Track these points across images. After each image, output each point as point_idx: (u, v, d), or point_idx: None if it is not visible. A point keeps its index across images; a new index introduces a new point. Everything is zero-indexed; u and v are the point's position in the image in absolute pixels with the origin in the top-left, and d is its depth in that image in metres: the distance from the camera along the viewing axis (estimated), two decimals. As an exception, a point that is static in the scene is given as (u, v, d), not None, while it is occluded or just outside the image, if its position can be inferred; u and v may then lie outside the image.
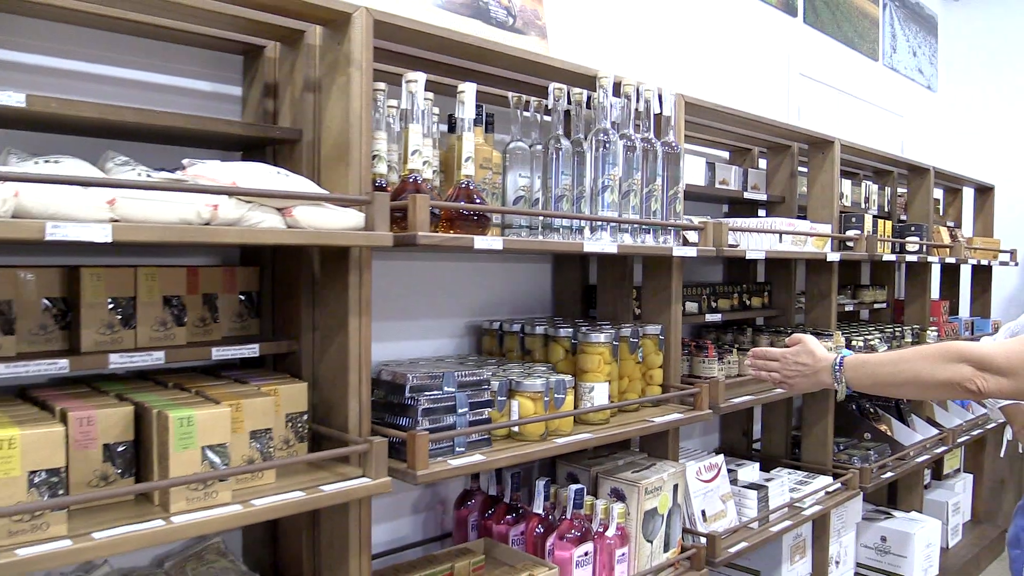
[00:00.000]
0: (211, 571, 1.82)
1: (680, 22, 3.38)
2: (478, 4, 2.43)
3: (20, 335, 1.49)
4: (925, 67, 5.61)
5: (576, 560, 2.03)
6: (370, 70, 1.65)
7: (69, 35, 1.69)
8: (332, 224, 1.49)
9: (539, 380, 1.93)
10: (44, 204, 1.15)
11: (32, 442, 1.19)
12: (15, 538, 1.19)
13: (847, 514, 3.57)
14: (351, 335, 1.64)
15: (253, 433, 1.50)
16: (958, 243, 4.23)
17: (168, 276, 1.66)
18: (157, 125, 1.58)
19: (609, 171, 2.12)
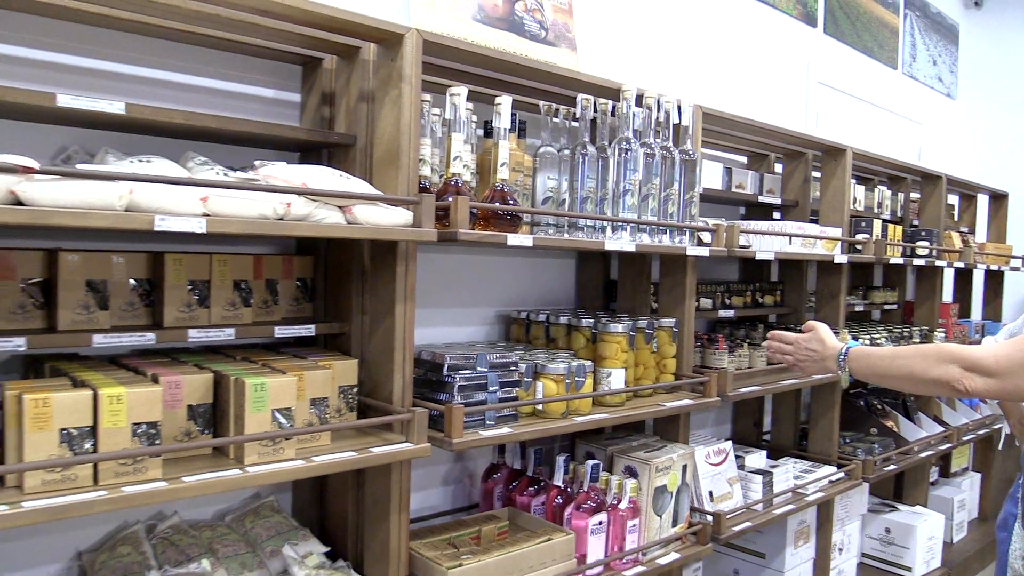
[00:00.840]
0: (266, 524, 2.05)
1: (703, 33, 3.56)
2: (513, 18, 2.64)
3: (113, 311, 1.72)
4: (945, 75, 5.74)
5: (591, 528, 2.24)
6: (419, 84, 1.86)
7: (157, 48, 1.92)
8: (385, 221, 1.71)
9: (562, 364, 2.14)
10: (151, 200, 1.38)
11: (136, 399, 1.43)
12: (120, 478, 1.42)
13: (851, 504, 3.74)
14: (397, 319, 1.86)
15: (313, 401, 1.73)
16: (969, 248, 4.38)
17: (237, 263, 1.89)
18: (233, 130, 1.81)
19: (630, 176, 2.32)
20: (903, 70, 5.19)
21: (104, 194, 1.32)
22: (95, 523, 1.90)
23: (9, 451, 1.37)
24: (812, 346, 2.13)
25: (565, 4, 2.83)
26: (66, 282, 1.63)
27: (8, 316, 1.60)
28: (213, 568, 1.83)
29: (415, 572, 1.98)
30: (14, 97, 1.51)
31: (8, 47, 1.72)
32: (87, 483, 1.39)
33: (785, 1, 4.06)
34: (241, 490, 2.13)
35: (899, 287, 4.42)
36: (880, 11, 4.89)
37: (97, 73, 1.84)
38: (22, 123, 1.73)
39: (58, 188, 1.28)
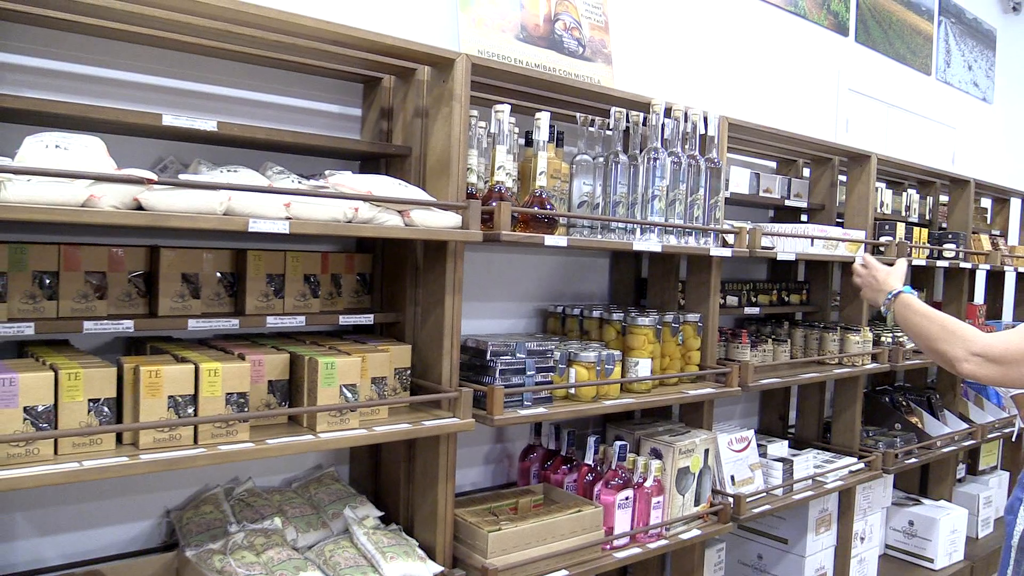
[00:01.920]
0: (328, 491, 2.32)
1: (735, 45, 3.76)
2: (553, 37, 2.87)
3: (203, 300, 2.00)
4: (981, 80, 5.83)
5: (618, 503, 2.47)
6: (467, 102, 2.11)
7: (238, 70, 2.19)
8: (437, 223, 1.96)
9: (593, 353, 2.38)
10: (245, 206, 1.64)
11: (230, 372, 1.70)
12: (216, 439, 1.69)
13: (873, 495, 3.91)
14: (447, 309, 2.11)
15: (373, 379, 1.99)
16: (997, 251, 4.50)
17: (307, 259, 2.15)
18: (305, 143, 2.08)
19: (658, 183, 2.54)
20: (937, 76, 5.31)
21: (208, 201, 1.59)
22: (180, 485, 2.19)
23: (126, 413, 1.65)
24: (878, 275, 2.31)
25: (602, 21, 3.05)
26: (165, 275, 1.91)
27: (117, 303, 1.88)
28: (284, 525, 2.10)
29: (459, 534, 2.23)
30: (128, 118, 1.79)
31: (118, 72, 2.01)
32: (188, 442, 1.67)
33: (817, 12, 4.23)
34: (306, 460, 2.40)
35: (927, 288, 4.56)
36: (913, 18, 5.02)
37: (185, 93, 2.12)
38: (126, 137, 2.01)
39: (172, 196, 1.55)
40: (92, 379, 1.58)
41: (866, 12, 4.59)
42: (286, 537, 2.07)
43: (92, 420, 1.59)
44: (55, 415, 1.54)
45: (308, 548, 2.10)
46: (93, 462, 1.52)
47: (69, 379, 1.55)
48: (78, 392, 1.56)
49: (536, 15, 2.82)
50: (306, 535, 2.14)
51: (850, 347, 3.45)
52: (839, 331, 3.47)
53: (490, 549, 2.15)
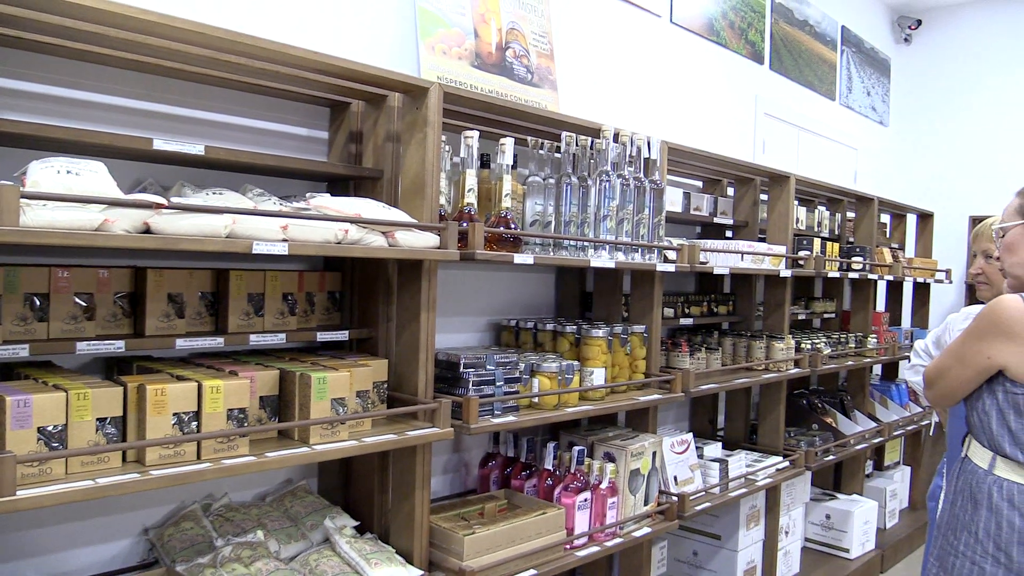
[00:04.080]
0: (303, 503, 2.38)
1: (664, 72, 4.00)
2: (504, 64, 3.02)
3: (187, 319, 2.05)
4: (878, 104, 6.30)
5: (578, 504, 2.62)
6: (440, 128, 2.23)
7: (200, 92, 2.25)
8: (420, 244, 2.07)
9: (554, 364, 2.53)
10: (247, 229, 1.72)
11: (231, 389, 1.76)
12: (218, 454, 1.76)
13: (795, 492, 4.19)
14: (422, 325, 2.22)
15: (358, 393, 2.08)
16: (898, 263, 4.89)
17: (285, 278, 2.23)
18: (284, 167, 2.16)
19: (609, 203, 2.72)
20: (840, 101, 5.72)
21: (213, 224, 1.66)
22: (157, 503, 2.21)
23: (130, 431, 1.70)
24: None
25: (548, 50, 3.22)
26: (152, 295, 1.95)
27: (104, 323, 1.92)
28: (266, 538, 2.16)
29: (434, 540, 2.33)
30: (120, 142, 1.84)
31: (103, 96, 2.04)
32: (192, 457, 1.73)
33: (736, 42, 4.53)
34: (277, 474, 2.46)
35: (837, 298, 4.92)
36: (820, 48, 5.41)
37: (160, 115, 2.17)
38: (108, 159, 2.04)
39: (179, 220, 1.62)
40: (100, 399, 1.63)
41: (779, 42, 4.93)
42: (270, 549, 2.13)
43: (100, 439, 1.63)
44: (66, 435, 1.58)
45: (291, 559, 2.17)
46: (108, 479, 1.56)
47: (78, 399, 1.59)
48: (87, 412, 1.60)
49: (489, 43, 2.96)
50: (288, 547, 2.20)
51: (775, 354, 3.72)
52: (765, 339, 3.73)
53: (466, 552, 2.26)
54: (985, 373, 1.97)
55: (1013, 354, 1.90)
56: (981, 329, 1.97)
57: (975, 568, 1.97)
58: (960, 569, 2.01)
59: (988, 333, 1.95)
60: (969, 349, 1.99)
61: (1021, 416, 1.92)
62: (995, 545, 1.94)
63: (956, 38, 6.38)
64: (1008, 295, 1.93)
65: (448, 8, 2.83)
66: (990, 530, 1.95)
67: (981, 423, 2.01)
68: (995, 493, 1.96)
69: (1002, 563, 1.93)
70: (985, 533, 1.96)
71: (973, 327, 1.99)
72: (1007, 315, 1.91)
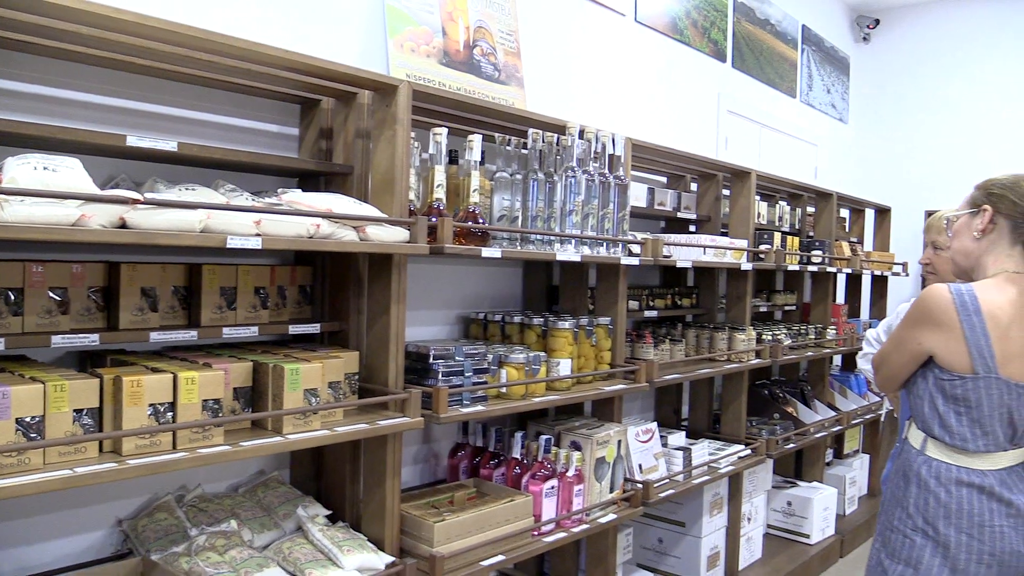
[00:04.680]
0: (276, 494, 2.43)
1: (629, 70, 4.08)
2: (471, 61, 3.08)
3: (161, 312, 2.08)
4: (837, 102, 6.45)
5: (545, 492, 2.69)
6: (409, 125, 2.29)
7: (170, 88, 2.28)
8: (390, 238, 2.12)
9: (521, 355, 2.60)
10: (221, 224, 1.76)
11: (206, 380, 1.81)
12: (193, 443, 1.80)
13: (757, 479, 4.31)
14: (392, 317, 2.28)
15: (330, 384, 2.13)
16: (856, 256, 5.03)
17: (257, 272, 2.27)
18: (255, 163, 2.20)
19: (575, 198, 2.79)
20: (801, 98, 5.85)
21: (188, 219, 1.70)
22: (130, 494, 2.25)
23: (106, 422, 1.74)
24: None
25: (514, 48, 3.28)
26: (126, 289, 1.99)
27: (79, 317, 1.95)
28: (239, 527, 2.20)
29: (405, 527, 2.39)
30: (94, 139, 1.87)
31: (74, 93, 2.07)
32: (168, 447, 1.77)
33: (699, 40, 4.63)
34: (249, 466, 2.50)
35: (798, 291, 5.04)
36: (781, 47, 5.53)
37: (131, 112, 2.20)
38: (79, 156, 2.07)
39: (155, 215, 1.66)
40: (77, 391, 1.66)
41: (741, 40, 5.04)
42: (243, 538, 2.17)
43: (77, 429, 1.67)
44: (43, 426, 1.62)
45: (264, 547, 2.21)
46: (85, 469, 1.60)
47: (56, 391, 1.63)
48: (64, 403, 1.64)
49: (456, 41, 3.02)
50: (261, 536, 2.25)
51: (737, 345, 3.82)
52: (727, 330, 3.83)
53: (436, 539, 2.32)
54: (918, 359, 2.09)
55: (939, 341, 2.01)
56: (912, 317, 2.08)
57: (907, 541, 2.09)
58: (895, 543, 2.13)
59: (918, 321, 2.06)
60: (904, 336, 2.11)
61: (947, 400, 2.03)
62: (923, 519, 2.06)
63: (913, 37, 6.56)
64: (937, 285, 2.04)
65: (416, 7, 2.88)
66: (919, 505, 2.07)
67: (916, 406, 2.13)
68: (923, 470, 2.08)
69: (930, 536, 2.05)
70: (915, 508, 2.08)
71: (907, 315, 2.10)
72: (933, 304, 2.02)
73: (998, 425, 2.00)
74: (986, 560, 2.00)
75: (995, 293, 1.99)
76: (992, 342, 1.96)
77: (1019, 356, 1.98)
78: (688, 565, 3.89)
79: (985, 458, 2.02)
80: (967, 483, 2.02)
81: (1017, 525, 2.00)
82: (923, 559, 2.05)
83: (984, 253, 2.08)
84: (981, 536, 1.99)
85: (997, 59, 6.19)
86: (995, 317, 1.97)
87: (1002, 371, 1.97)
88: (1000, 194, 2.06)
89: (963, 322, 1.97)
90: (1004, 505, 2.00)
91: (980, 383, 1.98)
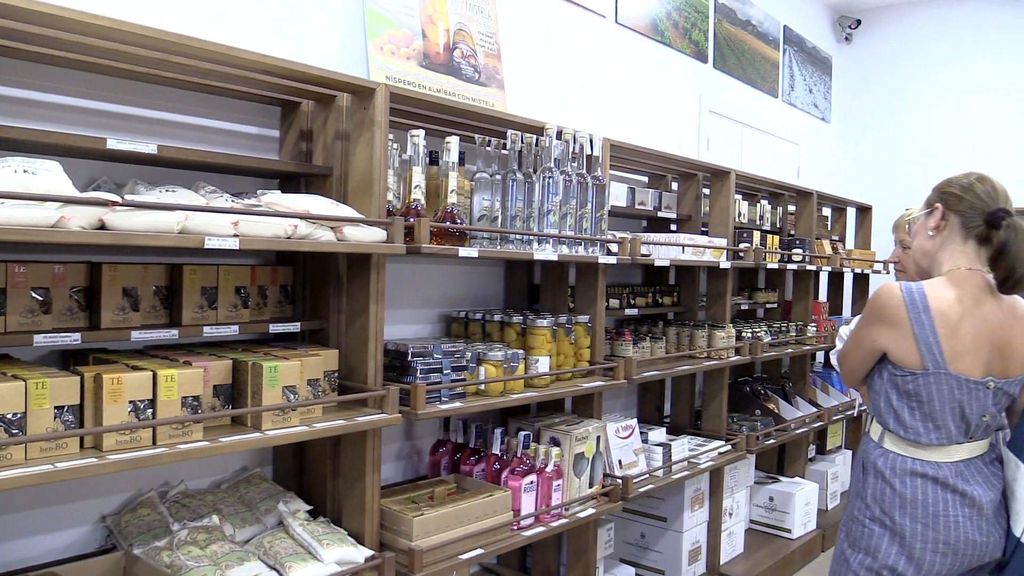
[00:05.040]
0: (257, 489, 2.47)
1: (610, 68, 4.13)
2: (452, 63, 3.12)
3: (142, 312, 2.12)
4: (820, 102, 6.52)
5: (524, 487, 2.74)
6: (387, 127, 2.33)
7: (156, 92, 2.32)
8: (367, 239, 2.17)
9: (500, 352, 2.64)
10: (199, 225, 1.81)
11: (185, 377, 1.85)
12: (173, 439, 1.84)
13: (739, 475, 4.37)
14: (371, 316, 2.32)
15: (309, 381, 2.17)
16: (837, 255, 5.10)
17: (238, 272, 2.31)
18: (235, 165, 2.24)
19: (553, 198, 2.84)
20: (783, 98, 5.92)
21: (167, 220, 1.74)
22: (114, 491, 2.29)
23: (87, 418, 1.78)
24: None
25: (495, 50, 3.33)
26: (107, 289, 2.02)
27: (61, 317, 1.99)
28: (221, 522, 2.24)
29: (384, 522, 2.43)
30: (74, 142, 1.91)
31: (56, 96, 2.11)
32: (148, 443, 1.81)
33: (680, 41, 4.68)
34: (232, 463, 2.54)
35: (779, 288, 5.11)
36: (762, 47, 5.59)
37: (114, 115, 2.23)
38: (61, 158, 2.10)
39: (134, 216, 1.70)
40: (58, 388, 1.70)
41: (722, 41, 5.10)
42: (225, 532, 2.21)
43: (58, 426, 1.71)
44: (25, 422, 1.66)
45: (246, 542, 2.25)
46: (66, 464, 1.64)
47: (37, 388, 1.67)
48: (45, 400, 1.68)
49: (436, 44, 3.06)
50: (242, 530, 2.29)
51: (716, 342, 3.88)
52: (707, 328, 3.89)
53: (415, 532, 2.37)
54: (874, 355, 2.15)
55: (891, 338, 2.07)
56: (867, 314, 2.14)
57: (865, 530, 2.16)
58: (855, 532, 2.20)
59: (871, 319, 2.12)
60: (860, 334, 2.17)
61: (901, 396, 2.09)
62: (880, 509, 2.13)
63: (895, 38, 6.63)
64: (889, 283, 2.10)
65: (396, 10, 2.93)
66: (876, 496, 2.14)
67: (873, 401, 2.20)
68: (880, 462, 2.14)
69: (887, 525, 2.11)
70: (872, 498, 2.15)
71: (864, 312, 2.17)
72: (884, 302, 2.08)
73: (950, 419, 2.06)
74: (941, 549, 2.06)
75: (945, 290, 2.05)
76: (941, 339, 2.02)
77: (969, 352, 2.04)
78: (670, 560, 3.94)
79: (939, 451, 2.08)
80: (921, 474, 2.08)
81: (972, 515, 2.06)
82: (881, 547, 2.12)
83: (939, 250, 2.14)
84: (936, 525, 2.05)
85: (979, 59, 6.27)
86: (944, 314, 2.02)
87: (952, 367, 2.02)
88: (949, 191, 2.13)
89: (912, 320, 2.03)
90: (959, 496, 2.06)
91: (931, 379, 2.03)
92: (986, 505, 2.07)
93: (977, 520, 2.06)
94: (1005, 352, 2.07)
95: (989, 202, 2.04)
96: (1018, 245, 1.98)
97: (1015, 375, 2.09)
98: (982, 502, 2.06)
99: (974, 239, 2.07)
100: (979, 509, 2.06)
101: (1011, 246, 1.99)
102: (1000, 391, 2.07)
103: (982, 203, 2.05)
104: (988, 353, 2.05)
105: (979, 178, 2.09)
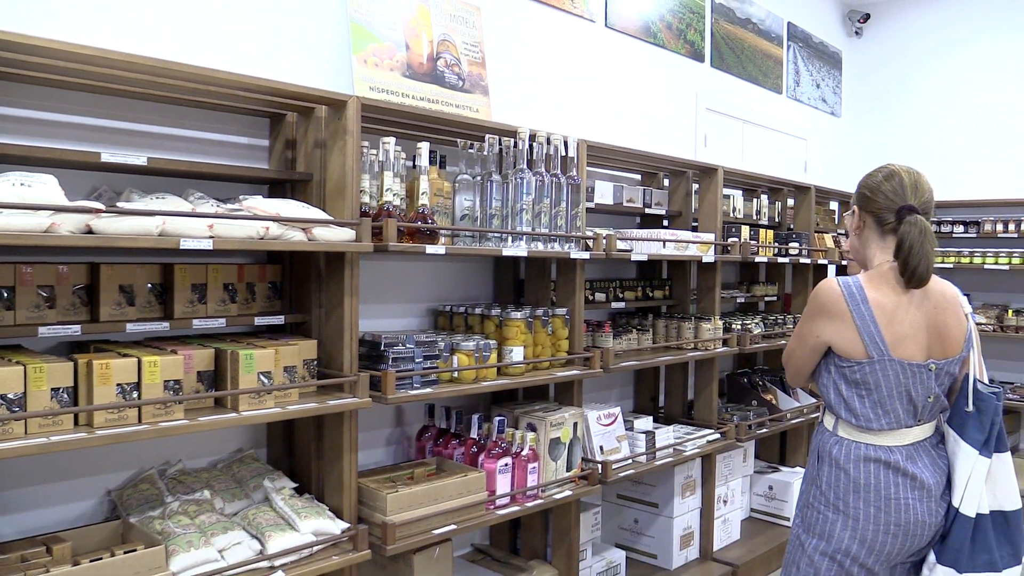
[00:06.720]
0: (249, 468, 2.71)
1: (600, 72, 4.30)
2: (436, 72, 3.33)
3: (137, 307, 2.37)
4: (829, 96, 6.59)
5: (499, 469, 2.94)
6: (359, 136, 2.55)
7: (157, 109, 2.57)
8: (335, 238, 2.39)
9: (472, 342, 2.85)
10: (176, 228, 2.04)
11: (167, 363, 2.09)
12: (156, 418, 2.08)
13: (734, 463, 4.50)
14: (346, 310, 2.54)
15: (285, 368, 2.40)
16: (836, 248, 5.19)
17: (226, 270, 2.54)
18: (222, 173, 2.48)
19: (525, 198, 3.03)
20: (787, 94, 6.01)
21: (146, 225, 1.98)
22: (120, 468, 2.54)
23: (81, 399, 2.02)
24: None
25: (479, 58, 3.53)
26: (105, 287, 2.28)
27: (64, 311, 2.24)
28: (212, 496, 2.49)
29: (363, 499, 2.65)
30: (71, 156, 2.16)
31: (59, 115, 2.37)
32: (134, 421, 2.05)
33: (674, 43, 4.83)
34: (229, 444, 2.78)
35: (779, 282, 5.22)
36: (764, 44, 5.70)
37: (115, 131, 2.49)
38: (66, 170, 2.37)
39: (117, 222, 1.94)
40: (53, 372, 1.95)
41: (720, 41, 5.22)
42: (215, 506, 2.45)
43: (54, 404, 1.96)
44: (25, 401, 1.91)
45: (233, 515, 2.49)
46: (59, 437, 1.89)
47: (35, 372, 1.92)
48: (42, 382, 1.93)
49: (420, 55, 3.27)
50: (231, 504, 2.53)
51: (703, 334, 4.03)
52: (694, 320, 4.04)
53: (389, 508, 2.58)
54: (818, 350, 2.25)
55: (834, 331, 2.18)
56: (809, 311, 2.25)
57: (820, 516, 2.26)
58: (810, 518, 2.29)
59: (814, 315, 2.23)
60: (804, 330, 2.28)
61: (850, 385, 2.20)
62: (835, 494, 2.23)
63: (904, 31, 6.66)
64: (827, 279, 2.22)
65: (380, 24, 3.14)
66: (831, 482, 2.24)
67: (824, 394, 2.28)
68: (835, 450, 2.24)
69: (840, 510, 2.21)
70: (827, 485, 2.25)
71: (805, 310, 2.28)
72: (824, 298, 2.20)
73: (898, 404, 2.17)
74: (892, 530, 2.17)
75: (878, 282, 2.18)
76: (881, 328, 2.14)
77: (909, 337, 2.16)
78: (661, 544, 4.11)
79: (890, 435, 2.19)
80: (874, 459, 2.19)
81: (921, 497, 2.17)
82: (835, 532, 2.22)
83: (865, 248, 2.27)
84: (888, 508, 2.16)
85: (990, 50, 6.28)
86: (881, 304, 2.15)
87: (894, 353, 2.15)
88: (861, 192, 2.26)
89: (853, 311, 2.15)
90: (909, 479, 2.17)
91: (876, 366, 2.15)
92: (933, 487, 2.18)
93: (926, 501, 2.17)
94: (942, 334, 2.19)
95: (896, 199, 2.17)
96: (912, 240, 2.09)
97: (954, 355, 2.20)
98: (930, 484, 2.18)
99: (890, 234, 2.20)
100: (927, 491, 2.17)
101: (906, 241, 2.10)
102: (942, 371, 2.19)
103: (889, 201, 2.18)
104: (927, 337, 2.18)
105: (887, 175, 2.21)
